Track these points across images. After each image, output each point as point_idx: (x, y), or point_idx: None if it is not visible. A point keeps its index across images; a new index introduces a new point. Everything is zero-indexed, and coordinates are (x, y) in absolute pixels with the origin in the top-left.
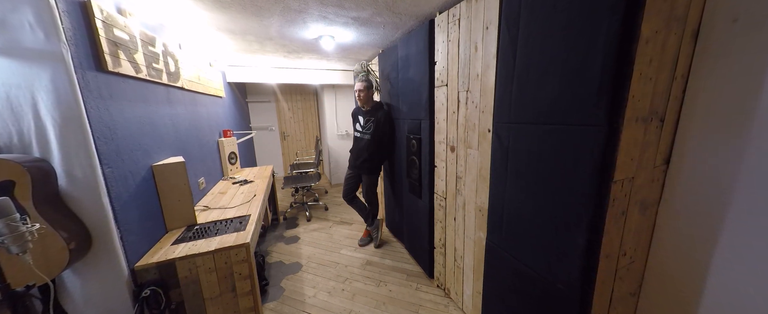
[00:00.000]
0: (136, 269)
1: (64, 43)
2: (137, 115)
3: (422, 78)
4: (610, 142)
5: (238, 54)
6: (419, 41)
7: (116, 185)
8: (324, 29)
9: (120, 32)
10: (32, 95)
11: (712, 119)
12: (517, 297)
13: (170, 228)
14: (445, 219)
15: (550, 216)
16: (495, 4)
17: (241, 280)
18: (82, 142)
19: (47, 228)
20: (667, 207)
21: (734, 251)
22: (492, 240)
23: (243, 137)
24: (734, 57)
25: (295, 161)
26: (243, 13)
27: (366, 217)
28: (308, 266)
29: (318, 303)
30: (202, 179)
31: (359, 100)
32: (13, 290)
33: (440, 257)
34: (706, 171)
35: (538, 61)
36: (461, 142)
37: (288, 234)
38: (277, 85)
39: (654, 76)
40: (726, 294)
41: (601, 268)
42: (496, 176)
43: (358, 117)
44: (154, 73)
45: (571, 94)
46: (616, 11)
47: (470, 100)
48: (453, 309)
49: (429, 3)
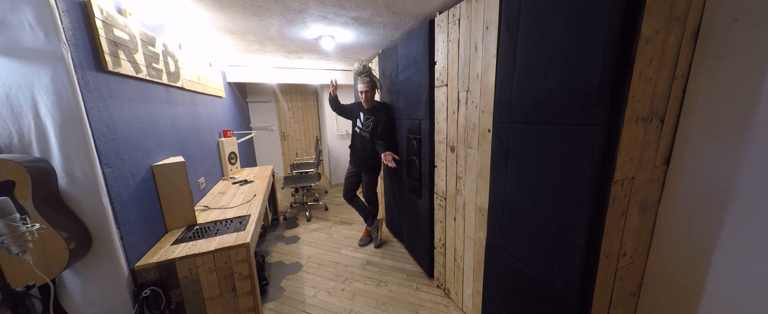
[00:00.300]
0: (136, 269)
1: (64, 43)
2: (137, 115)
3: (422, 78)
4: (610, 142)
5: (238, 54)
6: (419, 41)
7: (116, 185)
8: (324, 29)
9: (120, 32)
10: (32, 95)
11: (712, 119)
12: (517, 297)
13: (170, 228)
14: (445, 219)
15: (550, 216)
16: (495, 4)
17: (241, 280)
18: (82, 142)
19: (47, 228)
20: (667, 207)
21: (734, 251)
22: (492, 240)
23: (243, 137)
24: (734, 57)
25: (295, 161)
26: (243, 13)
27: (366, 217)
28: (308, 266)
29: (318, 303)
30: (202, 179)
31: (365, 102)
32: (13, 290)
33: (440, 257)
34: (706, 171)
35: (538, 61)
36: (461, 142)
37: (288, 234)
38: (277, 85)
39: (654, 76)
40: (726, 294)
41: (601, 268)
42: (496, 176)
43: (359, 113)
44: (154, 73)
45: (571, 94)
46: (616, 11)
47: (470, 100)
48: (453, 309)
49: (429, 3)
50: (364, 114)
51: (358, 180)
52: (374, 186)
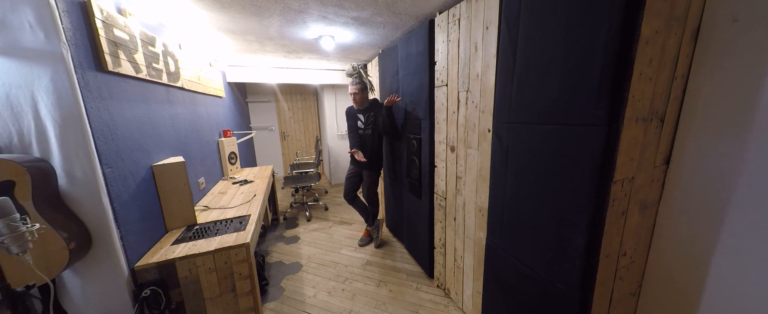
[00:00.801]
0: (136, 269)
1: (64, 43)
2: (137, 115)
3: (422, 78)
4: (610, 142)
5: (238, 54)
6: (419, 41)
7: (116, 185)
8: (324, 29)
9: (120, 32)
10: (32, 95)
11: (712, 119)
12: (517, 297)
13: (170, 228)
14: (445, 219)
15: (550, 216)
16: (495, 4)
17: (241, 280)
18: (82, 142)
19: (47, 228)
20: (667, 207)
21: (734, 251)
22: (492, 240)
23: (243, 137)
24: (734, 57)
25: (295, 161)
26: (243, 13)
27: (366, 217)
28: (308, 266)
29: (318, 303)
30: (202, 179)
31: (355, 103)
32: (13, 290)
33: (440, 257)
34: (706, 171)
35: (538, 61)
36: (461, 142)
37: (288, 234)
38: (277, 85)
39: (654, 76)
40: (726, 294)
41: (601, 268)
42: (496, 176)
43: (357, 115)
44: (154, 73)
45: (571, 94)
46: (616, 11)
47: (470, 100)
48: (453, 309)
49: (429, 3)
50: (362, 114)
51: (359, 180)
52: (375, 186)
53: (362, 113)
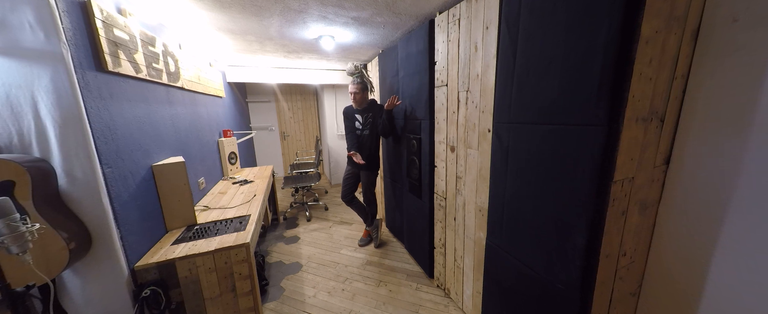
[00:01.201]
0: (136, 269)
1: (64, 43)
2: (137, 115)
3: (422, 78)
4: (610, 142)
5: (238, 54)
6: (419, 41)
7: (116, 185)
8: (324, 29)
9: (120, 32)
10: (32, 95)
11: (712, 119)
12: (517, 297)
13: (170, 228)
14: (445, 219)
15: (550, 216)
16: (495, 4)
17: (241, 280)
18: (82, 142)
19: (47, 228)
20: (667, 207)
21: (734, 251)
22: (492, 240)
23: (243, 137)
24: (734, 57)
25: (295, 161)
26: (243, 13)
27: (365, 218)
28: (308, 266)
29: (318, 303)
30: (202, 179)
31: (355, 103)
32: (13, 290)
33: (440, 257)
34: (706, 171)
35: (538, 61)
36: (461, 142)
37: (288, 234)
38: (277, 85)
39: (654, 76)
40: (726, 294)
41: (601, 268)
42: (496, 176)
43: (354, 115)
44: (154, 73)
45: (571, 94)
46: (616, 11)
47: (470, 100)
48: (453, 309)
49: (429, 3)
50: (361, 114)
51: (357, 181)
52: (373, 187)
53: (360, 113)
